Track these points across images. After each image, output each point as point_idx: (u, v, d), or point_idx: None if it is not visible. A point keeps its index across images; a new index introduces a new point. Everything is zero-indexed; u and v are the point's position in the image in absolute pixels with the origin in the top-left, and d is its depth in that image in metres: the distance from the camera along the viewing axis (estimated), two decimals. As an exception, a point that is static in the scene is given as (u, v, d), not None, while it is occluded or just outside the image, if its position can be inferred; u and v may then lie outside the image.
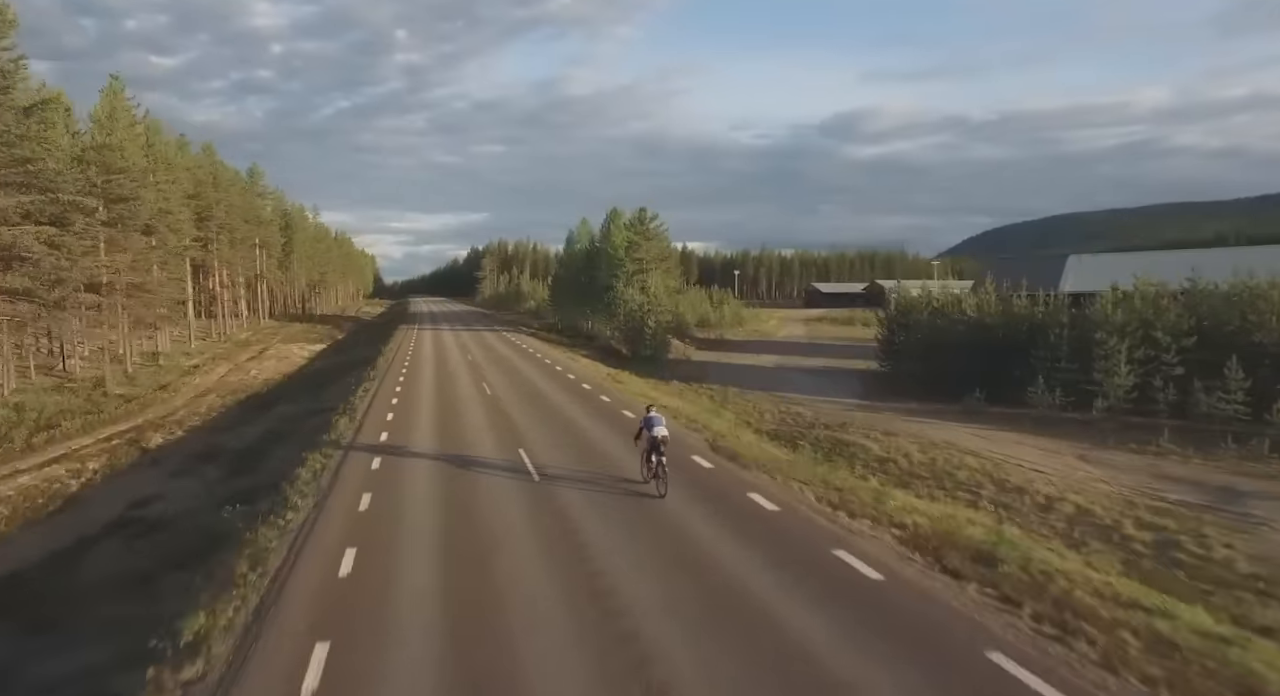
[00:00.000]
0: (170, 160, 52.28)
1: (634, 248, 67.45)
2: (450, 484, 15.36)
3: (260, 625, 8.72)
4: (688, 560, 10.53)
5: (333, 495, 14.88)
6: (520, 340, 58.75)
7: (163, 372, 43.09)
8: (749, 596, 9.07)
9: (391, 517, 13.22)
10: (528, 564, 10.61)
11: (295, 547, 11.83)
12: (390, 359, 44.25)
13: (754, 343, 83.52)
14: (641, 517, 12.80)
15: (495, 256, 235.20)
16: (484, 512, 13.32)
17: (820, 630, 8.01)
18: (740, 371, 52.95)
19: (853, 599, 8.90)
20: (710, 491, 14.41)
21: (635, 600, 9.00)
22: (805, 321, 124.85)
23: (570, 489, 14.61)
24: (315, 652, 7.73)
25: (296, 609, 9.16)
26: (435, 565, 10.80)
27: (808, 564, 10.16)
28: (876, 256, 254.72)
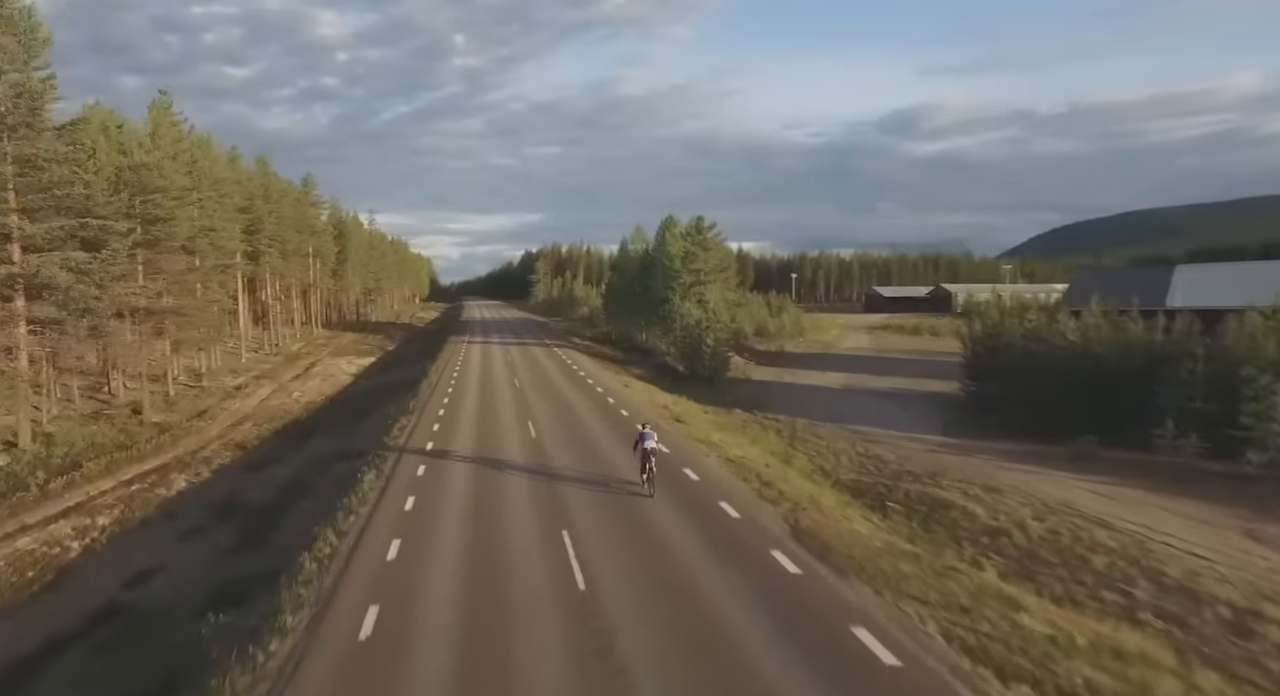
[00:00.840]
0: (218, 175, 51.38)
1: (691, 258, 64.11)
2: (479, 602, 12.08)
3: None
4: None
5: (332, 609, 12.07)
6: (570, 358, 56.06)
7: (204, 396, 41.86)
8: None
9: (398, 653, 10.25)
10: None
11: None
12: (434, 383, 42.02)
13: (816, 356, 79.11)
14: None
15: (549, 260, 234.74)
16: (520, 663, 10.06)
17: None
18: (806, 395, 49.04)
19: None
20: (802, 618, 11.03)
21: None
22: (869, 330, 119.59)
23: (637, 617, 11.18)
24: None
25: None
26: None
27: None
28: (940, 258, 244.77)
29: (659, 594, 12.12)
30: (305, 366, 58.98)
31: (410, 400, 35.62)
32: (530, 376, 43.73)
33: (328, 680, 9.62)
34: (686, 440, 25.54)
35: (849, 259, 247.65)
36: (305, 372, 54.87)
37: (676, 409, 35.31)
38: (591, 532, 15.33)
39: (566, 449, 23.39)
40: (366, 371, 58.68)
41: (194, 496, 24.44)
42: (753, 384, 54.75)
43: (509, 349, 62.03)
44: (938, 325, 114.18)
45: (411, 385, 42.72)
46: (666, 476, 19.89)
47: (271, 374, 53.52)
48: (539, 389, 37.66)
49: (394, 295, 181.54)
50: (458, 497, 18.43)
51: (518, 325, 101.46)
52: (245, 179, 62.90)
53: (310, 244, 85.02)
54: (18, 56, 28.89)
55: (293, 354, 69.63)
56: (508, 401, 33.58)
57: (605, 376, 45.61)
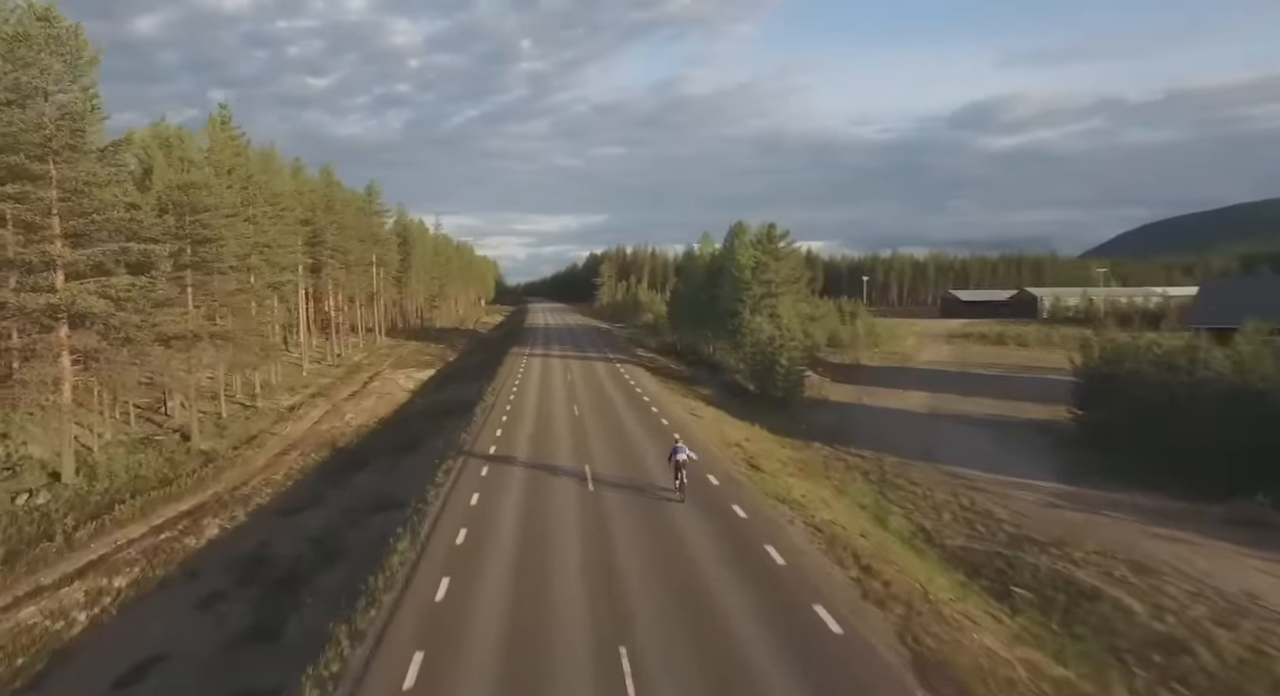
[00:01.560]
0: (277, 189, 50.54)
1: (761, 269, 60.27)
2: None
3: None
4: None
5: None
6: (632, 376, 53.07)
7: (256, 418, 40.68)
8: None
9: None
10: None
11: None
12: (488, 407, 39.66)
13: (895, 371, 73.85)
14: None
15: (613, 263, 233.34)
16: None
17: None
18: (889, 422, 44.64)
19: None
20: None
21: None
22: (948, 338, 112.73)
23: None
24: None
25: None
26: None
27: None
28: (1022, 259, 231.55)
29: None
30: (363, 381, 57.89)
31: (461, 432, 33.21)
32: (590, 400, 40.90)
33: None
34: (765, 499, 22.03)
35: (924, 260, 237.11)
36: (362, 389, 53.63)
37: (750, 447, 31.78)
38: (661, 657, 12.08)
39: (628, 515, 20.25)
40: (423, 387, 57.15)
41: (222, 548, 22.42)
42: (830, 407, 50.57)
43: (569, 364, 59.52)
44: (1024, 333, 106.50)
45: (465, 410, 40.50)
46: (746, 561, 16.52)
47: (328, 391, 52.45)
48: (599, 420, 34.69)
49: (459, 299, 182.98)
50: (500, 584, 15.52)
51: (580, 334, 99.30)
52: (307, 190, 62.45)
53: (374, 253, 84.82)
54: (64, 77, 27.75)
55: (354, 366, 69.00)
56: (564, 437, 30.67)
57: (670, 401, 42.37)
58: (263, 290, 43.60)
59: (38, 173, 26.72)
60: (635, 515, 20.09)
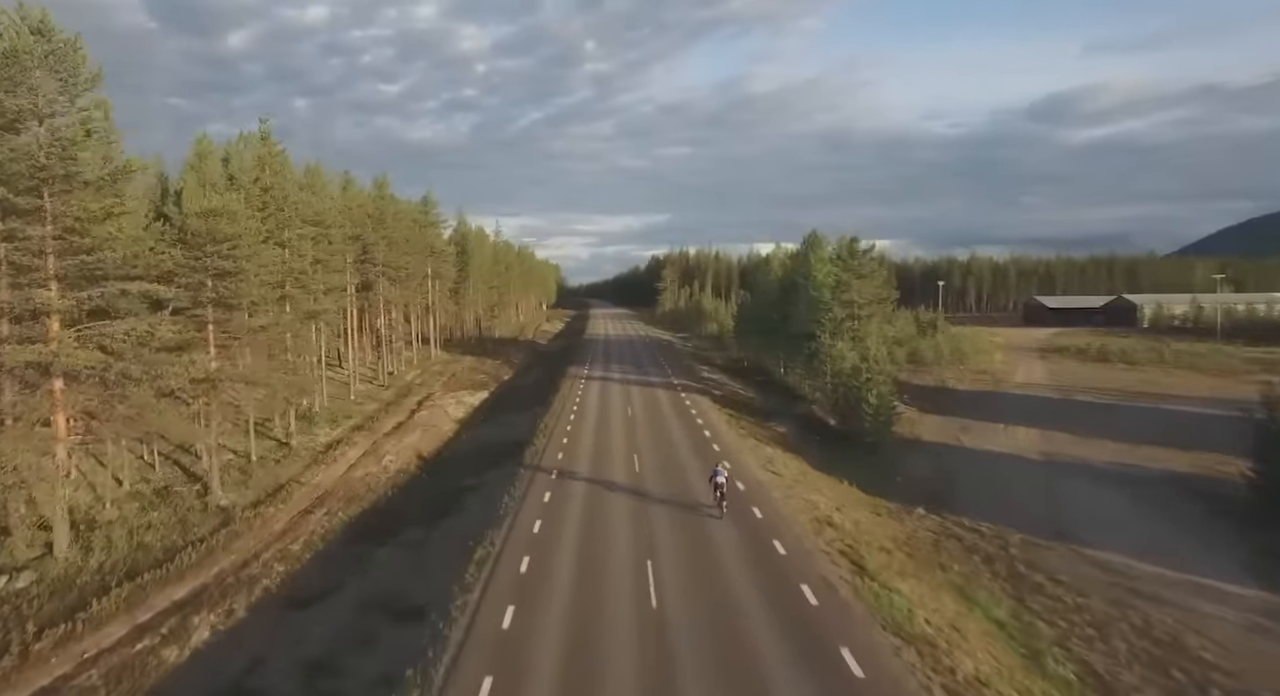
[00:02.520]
0: (320, 207, 47.46)
1: (843, 288, 54.20)
2: None
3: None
4: None
5: None
6: (699, 410, 47.98)
7: (288, 461, 37.36)
8: None
9: None
10: None
11: None
12: (539, 452, 35.29)
13: (988, 397, 66.31)
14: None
15: (676, 266, 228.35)
16: None
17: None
18: (998, 473, 38.19)
19: None
20: None
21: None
22: (1040, 353, 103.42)
23: None
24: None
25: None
26: None
27: None
28: (1115, 261, 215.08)
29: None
30: (410, 409, 54.54)
31: (504, 493, 28.82)
32: (653, 450, 35.95)
33: None
34: (883, 636, 16.59)
35: (1004, 262, 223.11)
36: (408, 420, 50.15)
37: (845, 523, 26.22)
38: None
39: (704, 653, 15.21)
40: (473, 416, 53.38)
41: (203, 669, 18.43)
42: (924, 449, 44.29)
43: (629, 393, 54.75)
44: (1129, 348, 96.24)
45: (511, 455, 36.30)
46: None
47: (372, 420, 49.14)
48: (664, 483, 29.69)
49: (520, 304, 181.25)
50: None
51: (640, 349, 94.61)
52: (356, 206, 59.68)
53: (429, 265, 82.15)
54: (56, 98, 24.50)
55: (404, 386, 66.06)
56: (623, 519, 25.55)
57: (744, 449, 37.08)
58: (299, 321, 40.35)
59: (28, 207, 23.48)
60: (714, 655, 15.05)
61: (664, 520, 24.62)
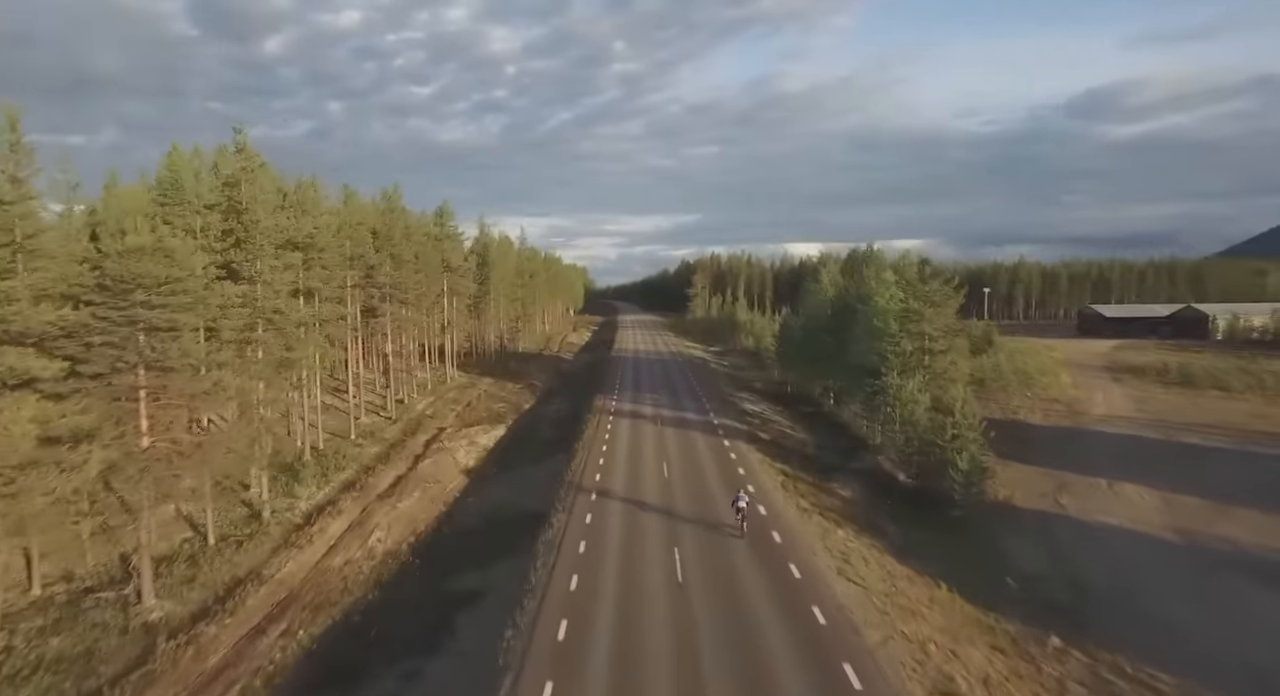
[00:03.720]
0: (308, 230, 41.16)
1: (912, 317, 46.57)
2: None
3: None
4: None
5: None
6: (745, 463, 40.85)
7: (253, 541, 31.04)
8: None
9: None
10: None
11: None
12: (555, 542, 28.45)
13: (1073, 437, 57.79)
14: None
15: (707, 272, 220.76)
16: None
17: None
18: (1136, 569, 30.39)
19: None
20: None
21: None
22: (1111, 373, 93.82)
23: None
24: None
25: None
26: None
27: None
28: (1177, 266, 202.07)
29: None
30: (415, 454, 48.18)
31: (510, 618, 22.00)
32: (694, 530, 29.01)
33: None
34: None
35: (1053, 266, 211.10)
36: (410, 471, 43.71)
37: (967, 673, 18.87)
38: None
39: None
40: (485, 465, 46.71)
41: None
42: (1022, 522, 36.57)
43: (664, 437, 47.61)
44: (1216, 369, 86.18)
45: (527, 530, 29.65)
46: None
47: (368, 474, 42.80)
48: (716, 606, 22.68)
49: (547, 312, 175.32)
50: None
51: (673, 369, 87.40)
52: (356, 222, 53.50)
53: (444, 282, 75.98)
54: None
55: (415, 419, 59.82)
56: (663, 641, 18.70)
57: (807, 530, 29.81)
58: (271, 368, 34.01)
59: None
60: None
61: (721, 669, 17.60)
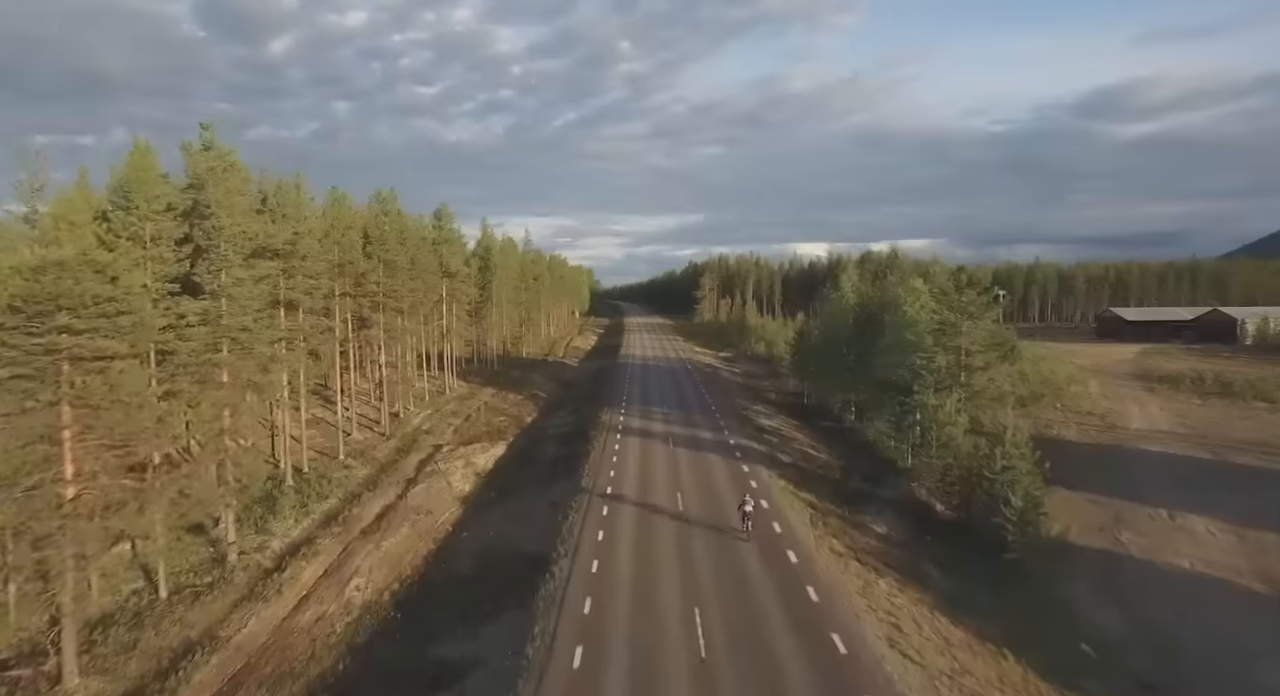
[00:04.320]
0: (287, 236, 37.43)
1: (949, 331, 42.58)
2: None
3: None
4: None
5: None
6: (766, 493, 37.00)
7: (213, 595, 27.29)
8: None
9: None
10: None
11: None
12: (556, 598, 24.62)
13: (1114, 455, 53.53)
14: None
15: (715, 274, 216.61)
16: None
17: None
18: (1230, 632, 26.42)
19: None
20: None
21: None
22: (1141, 382, 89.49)
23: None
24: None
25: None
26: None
27: None
28: (1199, 267, 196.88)
29: None
30: (408, 478, 44.44)
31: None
32: (714, 576, 25.23)
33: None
34: None
35: (1071, 270, 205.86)
36: (400, 499, 39.93)
37: None
38: None
39: None
40: (482, 491, 42.85)
41: None
42: (1082, 564, 32.55)
43: (676, 460, 43.67)
44: (1255, 379, 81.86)
45: (526, 578, 25.83)
46: None
47: (352, 504, 39.08)
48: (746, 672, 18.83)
49: (552, 315, 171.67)
50: None
51: (683, 378, 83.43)
52: (345, 227, 49.77)
53: (444, 287, 72.28)
54: None
55: (410, 435, 56.14)
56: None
57: (845, 580, 25.92)
58: (237, 395, 30.17)
59: None
60: None
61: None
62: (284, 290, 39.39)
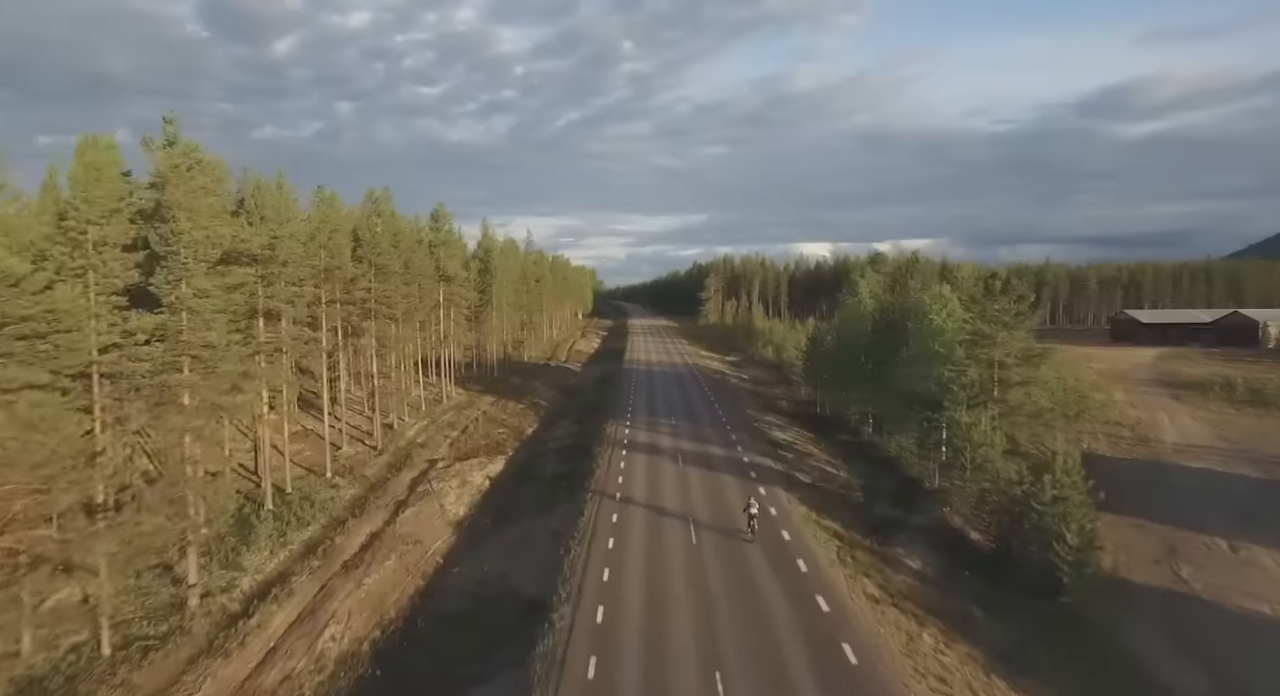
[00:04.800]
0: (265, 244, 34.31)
1: (982, 342, 39.36)
2: None
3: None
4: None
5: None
6: (786, 523, 33.91)
7: (165, 648, 24.15)
8: None
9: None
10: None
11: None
12: (564, 635, 21.47)
13: (1155, 473, 50.27)
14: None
15: (720, 275, 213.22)
16: None
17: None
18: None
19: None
20: None
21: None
22: (1166, 389, 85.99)
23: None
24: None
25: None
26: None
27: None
28: (1212, 267, 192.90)
29: None
30: (398, 499, 41.30)
31: None
32: (733, 626, 22.09)
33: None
34: None
35: (1083, 271, 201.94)
36: (387, 526, 36.79)
37: None
38: None
39: None
40: (477, 515, 39.67)
41: None
42: (1141, 605, 29.29)
43: (687, 481, 40.55)
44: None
45: (524, 624, 22.66)
46: None
47: (335, 531, 35.97)
48: None
49: (555, 316, 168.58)
50: None
51: (690, 386, 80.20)
52: (331, 230, 46.62)
53: (441, 291, 69.18)
54: None
55: (403, 448, 53.07)
56: None
57: (878, 625, 22.72)
58: (200, 419, 26.98)
59: None
60: None
61: None
62: (263, 299, 36.30)
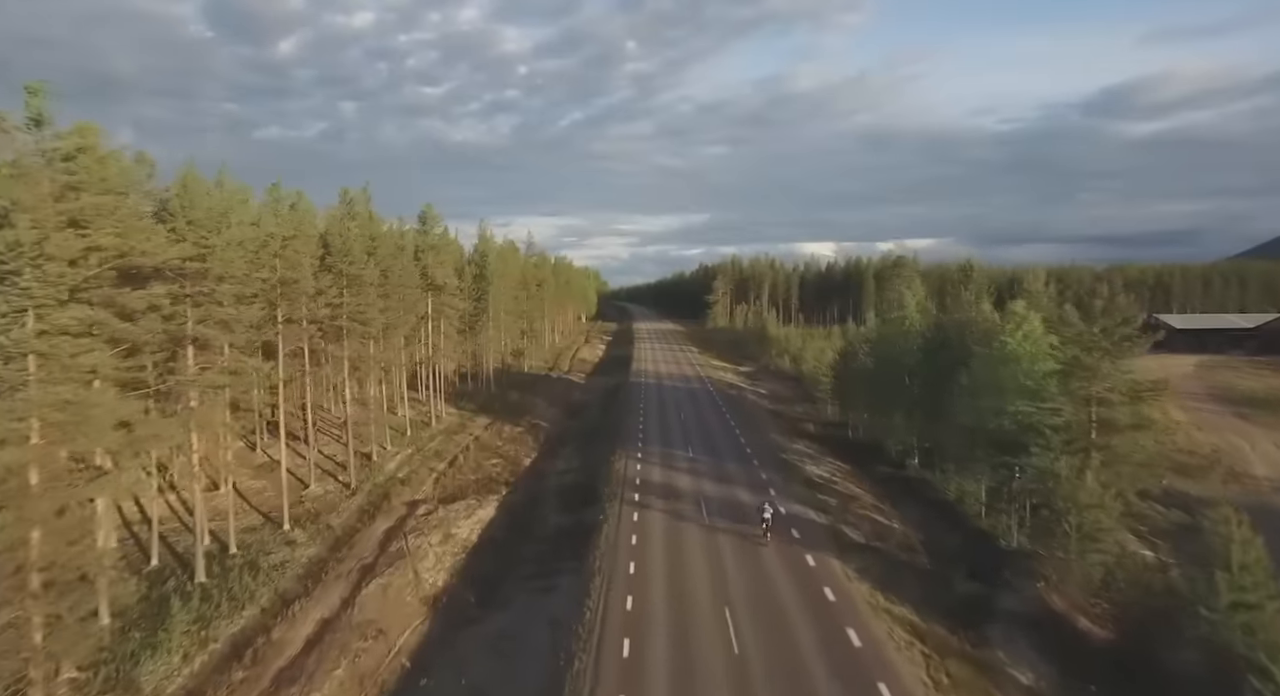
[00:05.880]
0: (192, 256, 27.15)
1: (1081, 374, 32.07)
2: None
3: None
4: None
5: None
6: (846, 601, 26.68)
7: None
8: None
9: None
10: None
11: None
12: None
13: (1251, 513, 43.08)
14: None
15: (728, 277, 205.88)
16: None
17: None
18: None
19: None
20: None
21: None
22: (1226, 405, 78.72)
23: None
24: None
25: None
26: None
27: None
28: (1248, 269, 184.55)
29: None
30: (364, 565, 34.09)
31: None
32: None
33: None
34: None
35: (1107, 272, 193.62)
36: (346, 608, 29.53)
37: None
38: None
39: None
40: (457, 591, 32.22)
41: None
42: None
43: (716, 544, 33.24)
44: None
45: None
46: None
47: (274, 623, 28.75)
48: None
49: (558, 321, 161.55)
50: None
51: (706, 404, 72.84)
52: (289, 237, 39.46)
53: (428, 302, 62.02)
54: None
55: (380, 487, 45.96)
56: None
57: None
58: (58, 498, 20.00)
59: None
60: None
61: None
62: (192, 324, 29.15)
